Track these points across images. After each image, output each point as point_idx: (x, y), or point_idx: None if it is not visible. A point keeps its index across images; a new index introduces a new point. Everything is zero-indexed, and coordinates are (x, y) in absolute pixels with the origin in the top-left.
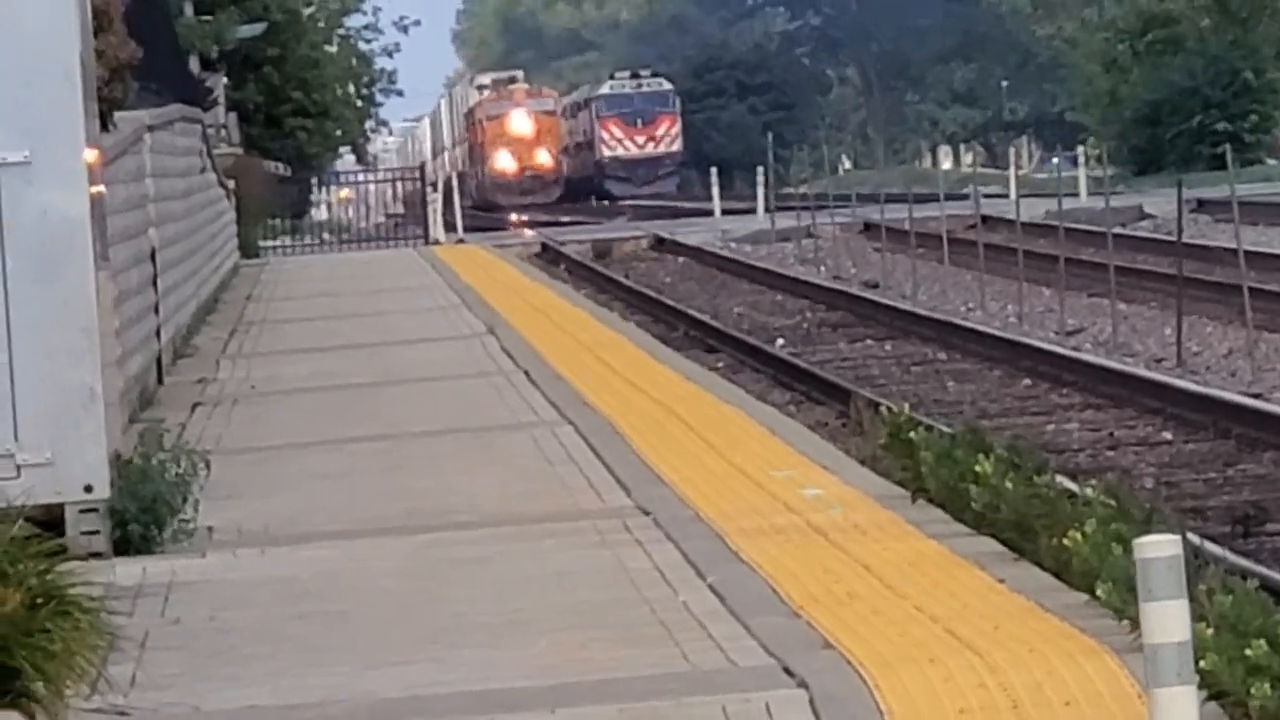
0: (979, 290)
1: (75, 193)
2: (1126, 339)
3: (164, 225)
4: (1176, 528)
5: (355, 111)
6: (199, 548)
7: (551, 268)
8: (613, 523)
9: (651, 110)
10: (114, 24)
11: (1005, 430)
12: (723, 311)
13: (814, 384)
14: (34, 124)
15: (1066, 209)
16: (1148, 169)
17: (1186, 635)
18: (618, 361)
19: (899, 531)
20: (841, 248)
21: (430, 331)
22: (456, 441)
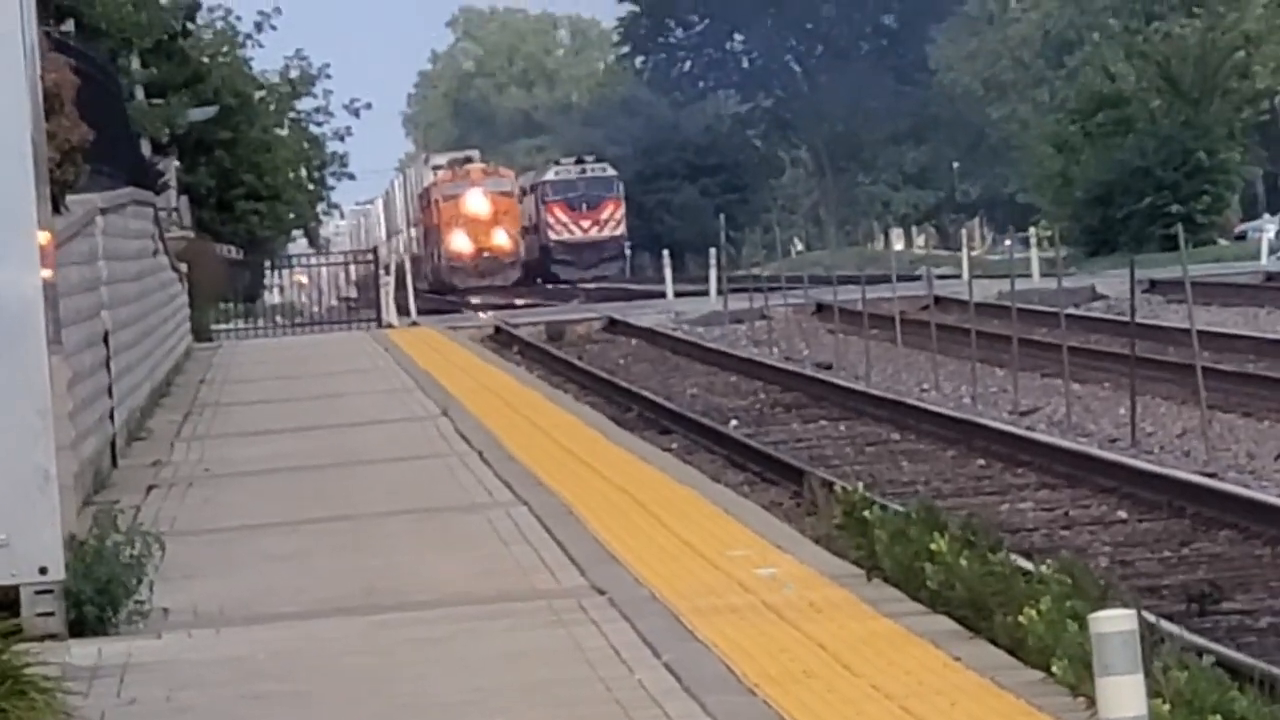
0: (932, 371)
1: (28, 274)
2: (1080, 419)
3: (117, 308)
4: (1132, 604)
5: (307, 195)
6: (154, 629)
7: (505, 350)
8: (568, 602)
9: (596, 195)
10: (65, 106)
11: (960, 510)
12: (676, 393)
13: (768, 464)
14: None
15: (1019, 290)
16: (1100, 250)
17: (1143, 710)
18: (572, 442)
19: (854, 610)
20: (794, 329)
21: (384, 414)
22: (412, 522)
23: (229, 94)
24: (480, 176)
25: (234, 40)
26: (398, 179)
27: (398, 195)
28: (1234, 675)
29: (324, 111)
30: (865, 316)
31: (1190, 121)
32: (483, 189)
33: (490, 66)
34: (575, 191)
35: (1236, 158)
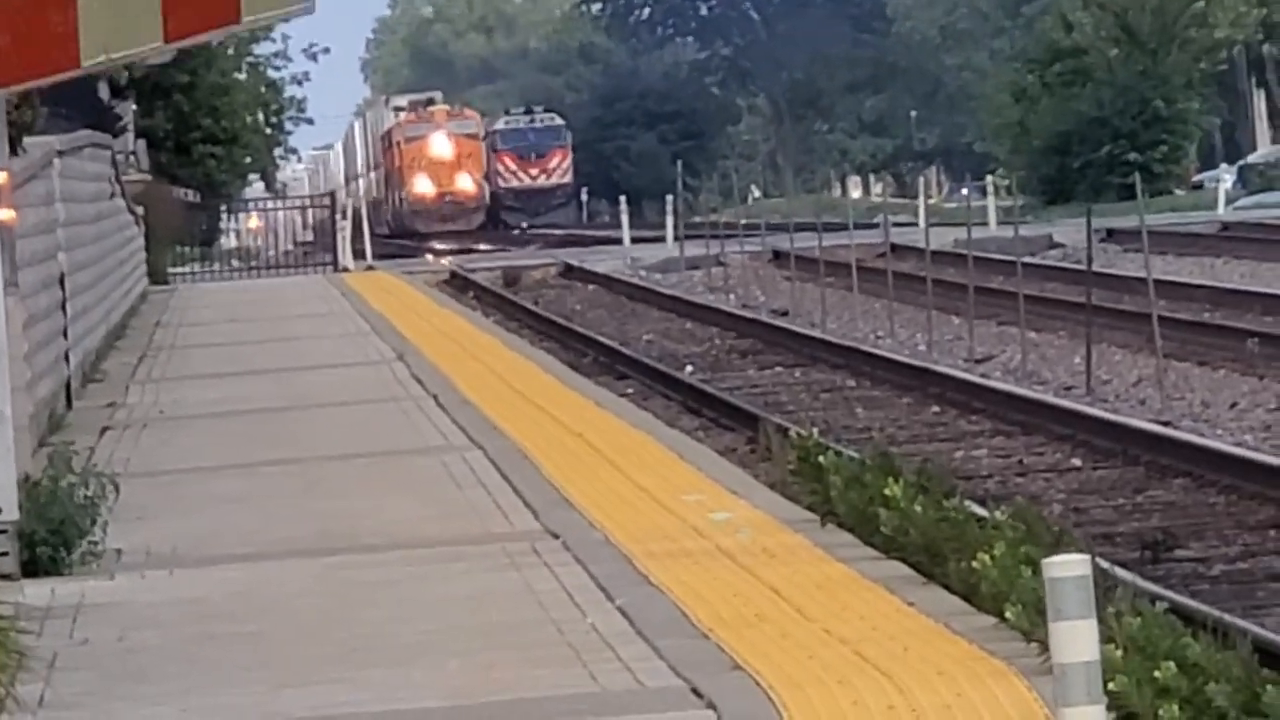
0: (888, 318)
1: None
2: (1036, 367)
3: (73, 250)
4: (1085, 550)
5: (264, 139)
6: (107, 569)
7: (460, 295)
8: (521, 546)
9: (545, 144)
10: None
11: (915, 456)
12: (632, 338)
13: (723, 410)
14: None
15: (976, 238)
16: (1057, 199)
17: (1095, 655)
18: (527, 387)
19: (808, 555)
20: (751, 276)
21: (339, 357)
22: (366, 466)
23: None
24: (444, 118)
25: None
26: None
27: (357, 138)
28: (1187, 622)
29: (282, 56)
30: (821, 264)
31: (1148, 71)
32: (446, 131)
33: (448, 13)
34: (524, 141)
35: (1194, 107)
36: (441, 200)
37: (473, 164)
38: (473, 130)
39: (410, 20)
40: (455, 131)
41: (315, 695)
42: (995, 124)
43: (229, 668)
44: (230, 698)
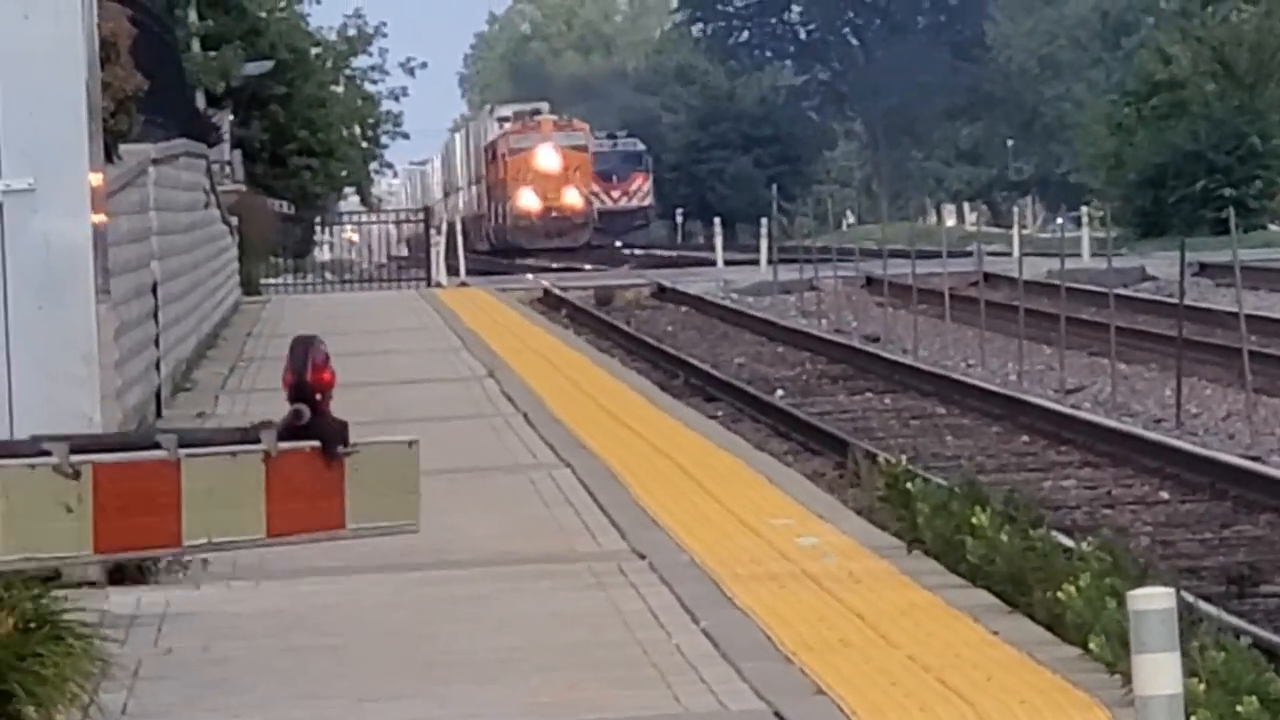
0: (979, 347)
1: (78, 221)
2: (1126, 399)
3: (167, 259)
4: (1171, 583)
5: (360, 152)
6: (194, 579)
7: (553, 313)
8: (608, 565)
9: (626, 168)
10: (121, 55)
11: (1002, 485)
12: (723, 361)
13: (812, 435)
14: (39, 152)
15: (1069, 269)
16: (1151, 231)
17: (1178, 688)
18: (617, 407)
19: (893, 581)
20: (843, 301)
21: (430, 373)
22: (454, 482)
23: (285, 49)
24: (551, 129)
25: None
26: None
27: (458, 150)
28: (1271, 657)
29: (379, 70)
30: (914, 291)
31: (1244, 106)
32: (553, 143)
33: (547, 30)
34: (607, 164)
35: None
36: (547, 215)
37: (580, 178)
38: (581, 142)
39: (509, 37)
40: (563, 144)
41: (397, 709)
42: (1091, 155)
43: (311, 680)
44: (312, 710)
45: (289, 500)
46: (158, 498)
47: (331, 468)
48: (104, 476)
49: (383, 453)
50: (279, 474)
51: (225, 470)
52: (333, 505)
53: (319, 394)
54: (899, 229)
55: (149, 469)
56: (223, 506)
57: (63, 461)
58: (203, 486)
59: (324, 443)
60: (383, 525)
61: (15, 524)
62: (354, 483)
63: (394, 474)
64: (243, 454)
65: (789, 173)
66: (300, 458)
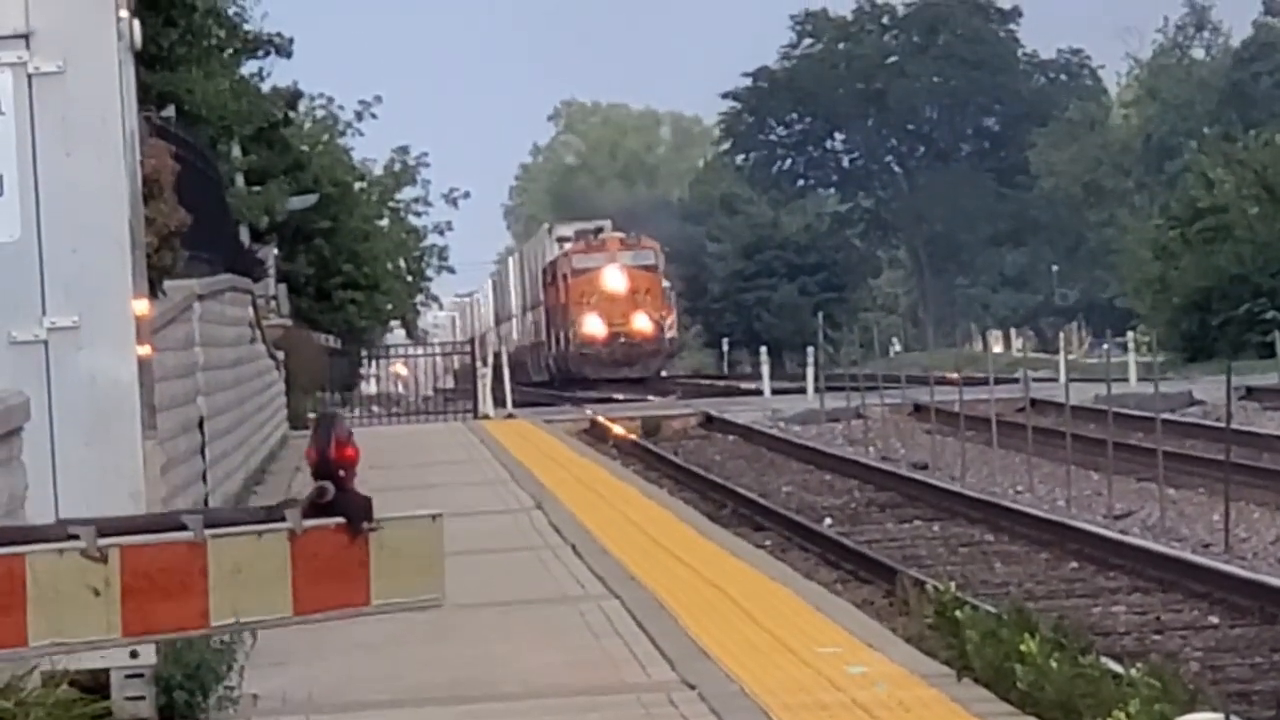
0: (1027, 473)
1: (124, 358)
2: (1174, 524)
3: (212, 394)
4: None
5: (405, 286)
6: (244, 715)
7: (599, 444)
8: (657, 696)
9: None
10: (164, 191)
11: (1052, 611)
12: (771, 490)
13: (861, 563)
14: (82, 289)
15: (1116, 394)
16: (1197, 356)
17: None
18: (665, 537)
19: (944, 710)
20: (891, 429)
21: (478, 505)
22: (503, 614)
23: (329, 183)
24: (618, 248)
25: (335, 129)
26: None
27: (511, 275)
28: None
29: (423, 201)
30: (962, 418)
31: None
32: (620, 263)
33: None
34: None
35: None
36: (614, 341)
37: (651, 301)
38: (651, 262)
39: (553, 168)
40: (630, 263)
41: None
42: (1136, 279)
43: None
44: None
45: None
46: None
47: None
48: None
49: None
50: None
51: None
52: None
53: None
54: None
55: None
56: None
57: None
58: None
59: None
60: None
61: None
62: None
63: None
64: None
65: (834, 300)
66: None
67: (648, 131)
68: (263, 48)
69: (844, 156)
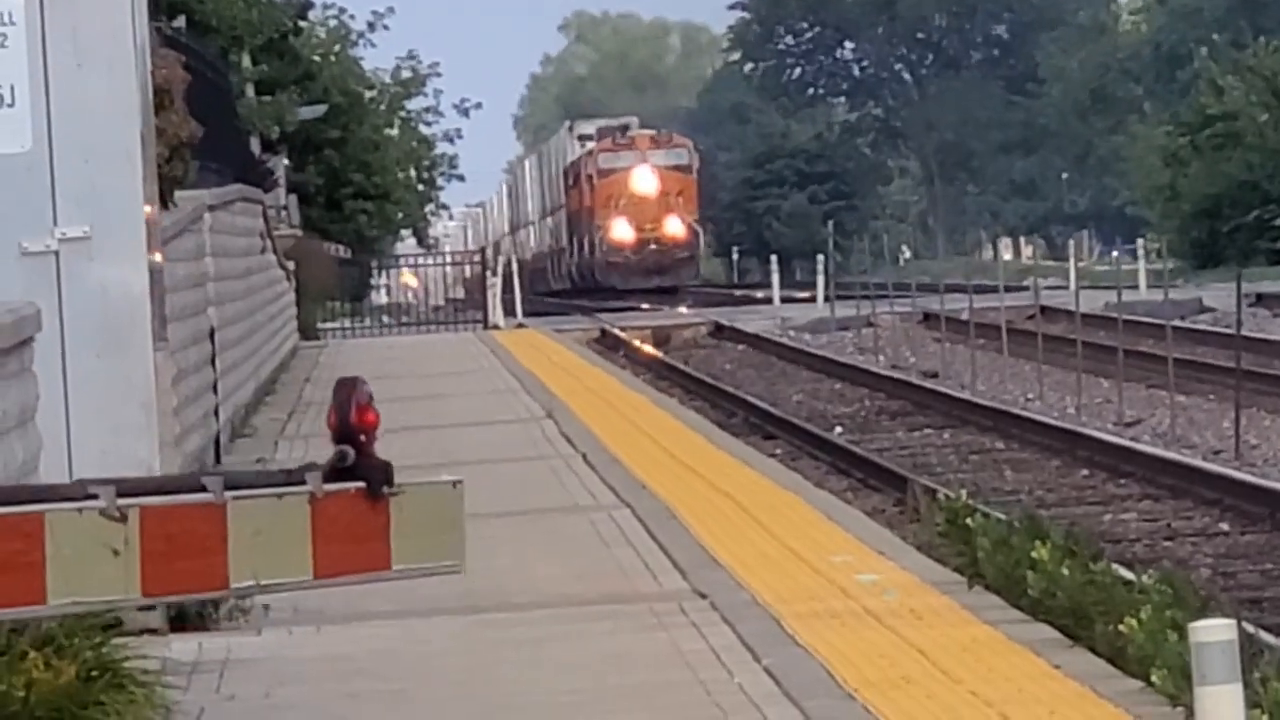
0: (1037, 381)
1: (135, 269)
2: (1184, 431)
3: (223, 305)
4: (1232, 614)
5: (416, 195)
6: (255, 625)
7: (611, 353)
8: (669, 605)
9: None
10: (175, 102)
11: (1062, 519)
12: (781, 399)
13: (871, 471)
14: (94, 200)
15: (1126, 301)
16: (1207, 263)
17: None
18: (675, 447)
19: (954, 617)
20: (901, 337)
21: (488, 415)
22: (513, 524)
23: (339, 93)
24: (649, 145)
25: (346, 39)
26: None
27: (528, 179)
28: None
29: (434, 111)
30: (971, 325)
31: None
32: (651, 163)
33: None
34: None
35: None
36: (644, 248)
37: (685, 204)
38: (684, 161)
39: (564, 78)
40: (662, 163)
41: None
42: (1146, 187)
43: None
44: None
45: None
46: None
47: (376, 509)
48: (151, 520)
49: (427, 493)
50: (324, 516)
51: (271, 512)
52: (378, 546)
53: (363, 435)
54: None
55: (195, 512)
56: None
57: (110, 505)
58: (249, 529)
59: (368, 484)
60: (428, 566)
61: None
62: (399, 523)
63: (439, 514)
64: (288, 496)
65: (844, 209)
66: (345, 499)
67: (657, 41)
68: None
69: (854, 65)
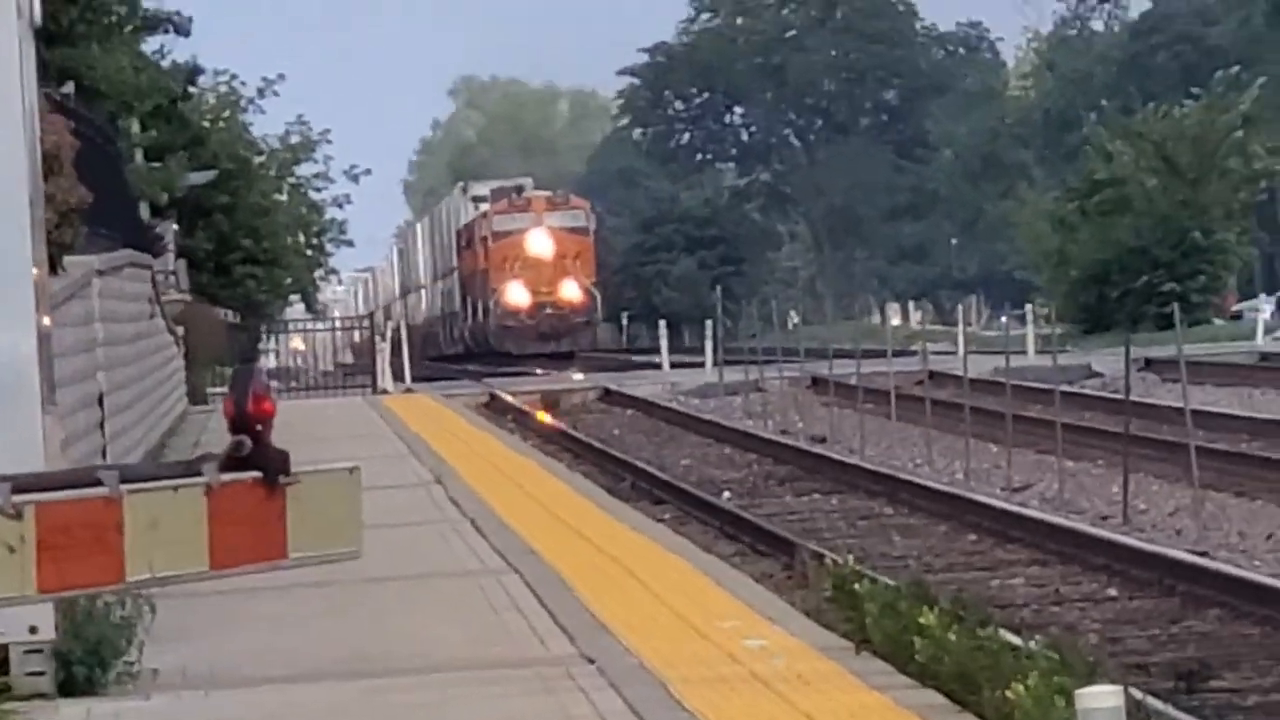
0: (926, 446)
1: (23, 333)
2: (1073, 496)
3: (112, 369)
4: (1119, 680)
5: (305, 260)
6: (143, 690)
7: (499, 417)
8: (557, 670)
9: None
10: (64, 168)
11: (950, 584)
12: (670, 463)
13: (760, 536)
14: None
15: (1014, 366)
16: (1096, 328)
17: None
18: (564, 511)
19: (843, 682)
20: (789, 402)
21: (377, 480)
22: (403, 588)
23: (228, 158)
24: (545, 207)
25: (236, 104)
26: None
27: (419, 242)
28: None
29: (324, 178)
30: (860, 390)
31: (1187, 201)
32: (547, 225)
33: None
34: None
35: (1233, 238)
36: (539, 312)
37: (582, 266)
38: (582, 224)
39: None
40: (558, 225)
41: None
42: (1035, 252)
43: None
44: None
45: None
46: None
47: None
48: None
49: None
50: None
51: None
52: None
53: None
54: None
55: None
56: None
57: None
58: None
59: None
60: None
61: None
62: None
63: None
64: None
65: (733, 274)
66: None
67: (546, 106)
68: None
69: (743, 130)
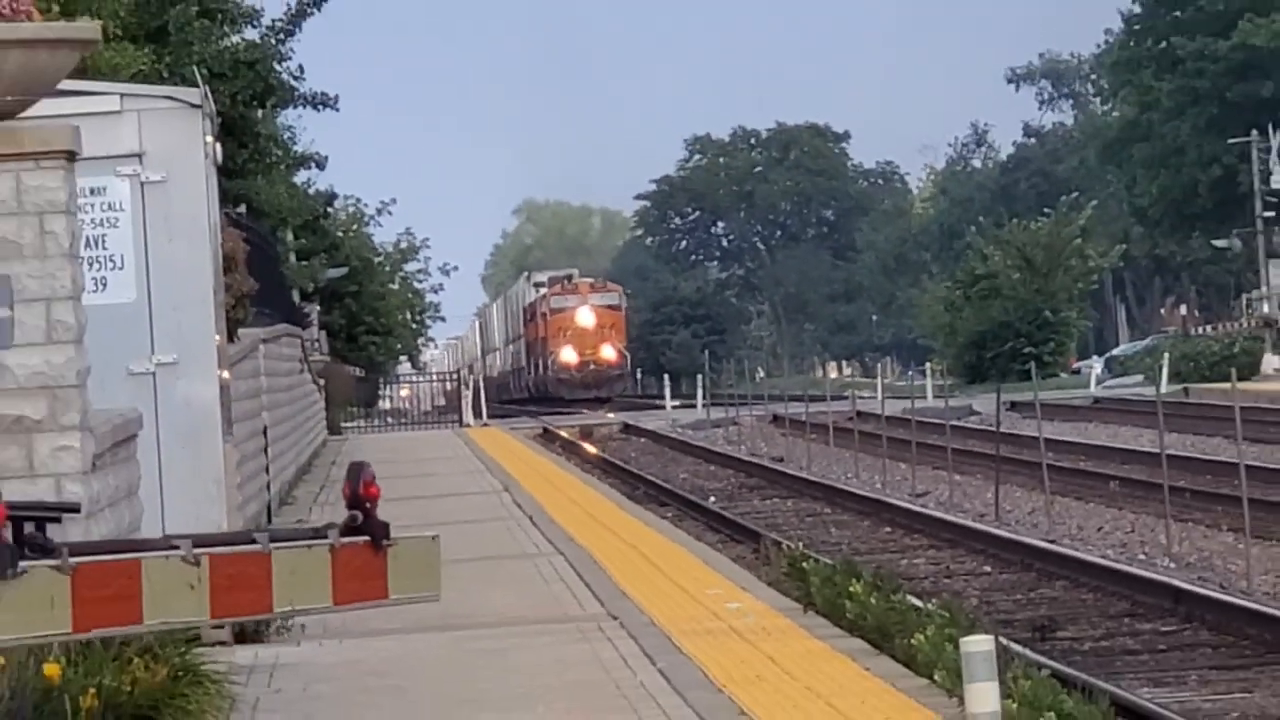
0: (854, 464)
1: (209, 385)
2: (960, 500)
3: (273, 410)
4: (991, 632)
5: (411, 331)
6: (295, 639)
7: (550, 444)
8: (590, 625)
9: None
10: (238, 265)
11: (871, 563)
12: (671, 476)
13: (736, 529)
14: (180, 335)
15: (918, 407)
16: (976, 379)
17: (997, 707)
18: (596, 511)
19: (795, 634)
20: (757, 433)
21: (461, 488)
22: (479, 567)
23: (356, 259)
24: (588, 290)
25: (361, 219)
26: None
27: (494, 317)
28: (1064, 684)
29: (424, 272)
30: (807, 425)
31: (1041, 289)
32: (590, 304)
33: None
34: None
35: (1074, 315)
36: (585, 368)
37: (615, 334)
38: (615, 302)
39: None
40: (598, 303)
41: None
42: (932, 326)
43: (379, 711)
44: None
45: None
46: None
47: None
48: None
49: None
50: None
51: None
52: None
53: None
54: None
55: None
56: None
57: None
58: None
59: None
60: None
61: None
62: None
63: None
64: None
65: (717, 341)
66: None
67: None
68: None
69: (723, 239)
